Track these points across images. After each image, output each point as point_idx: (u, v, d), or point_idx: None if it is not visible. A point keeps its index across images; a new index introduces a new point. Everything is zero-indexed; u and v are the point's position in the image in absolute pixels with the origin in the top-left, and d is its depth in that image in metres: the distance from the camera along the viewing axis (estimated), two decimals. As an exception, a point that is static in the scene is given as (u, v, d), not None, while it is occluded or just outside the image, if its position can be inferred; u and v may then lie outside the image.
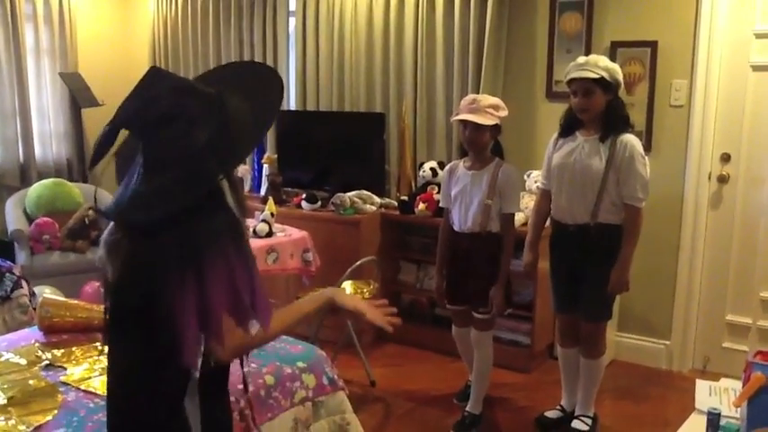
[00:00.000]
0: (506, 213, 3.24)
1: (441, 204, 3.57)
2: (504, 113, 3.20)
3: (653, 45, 3.89)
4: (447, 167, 3.50)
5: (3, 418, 2.24)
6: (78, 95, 5.39)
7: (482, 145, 3.22)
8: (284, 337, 3.00)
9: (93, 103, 5.34)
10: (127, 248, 1.45)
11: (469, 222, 3.26)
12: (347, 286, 3.81)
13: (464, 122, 3.18)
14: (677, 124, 3.92)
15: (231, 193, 1.50)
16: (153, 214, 1.40)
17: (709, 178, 3.93)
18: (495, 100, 3.24)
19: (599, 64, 3.00)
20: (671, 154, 3.94)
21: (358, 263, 3.73)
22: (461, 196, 3.29)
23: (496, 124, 3.19)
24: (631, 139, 3.02)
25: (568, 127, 3.15)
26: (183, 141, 1.42)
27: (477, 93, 4.26)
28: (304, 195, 4.58)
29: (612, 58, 3.90)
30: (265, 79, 1.61)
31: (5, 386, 2.45)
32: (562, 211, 3.17)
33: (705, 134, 3.87)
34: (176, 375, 1.47)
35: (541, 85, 4.27)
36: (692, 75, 3.84)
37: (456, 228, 3.33)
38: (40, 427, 2.20)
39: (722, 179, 3.92)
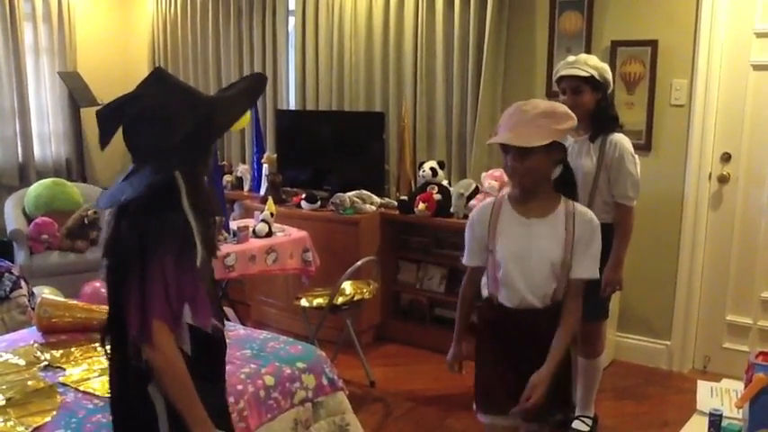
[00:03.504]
0: (581, 279, 2.18)
1: (465, 261, 2.30)
2: (570, 124, 2.09)
3: (653, 44, 3.88)
4: (482, 206, 2.28)
5: (1, 419, 2.24)
6: (77, 95, 5.39)
7: (534, 179, 2.11)
8: (283, 337, 3.01)
9: (93, 102, 5.33)
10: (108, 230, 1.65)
11: (534, 293, 2.15)
12: (347, 286, 3.81)
13: (504, 147, 2.12)
14: (677, 124, 3.91)
15: (189, 196, 1.58)
16: (117, 201, 1.57)
17: (710, 178, 3.92)
18: (551, 105, 2.15)
19: (588, 62, 2.99)
20: (671, 154, 3.94)
21: (358, 263, 3.72)
22: (515, 255, 2.15)
23: (557, 143, 2.09)
24: (621, 139, 3.00)
25: None
26: (157, 138, 1.54)
27: (477, 92, 4.26)
28: (304, 195, 4.57)
29: (613, 58, 3.91)
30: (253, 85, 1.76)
31: (4, 387, 2.45)
32: None
33: (705, 134, 3.86)
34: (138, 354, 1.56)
35: (541, 84, 4.26)
36: (693, 74, 3.83)
37: (507, 303, 2.18)
38: (38, 428, 2.20)
39: (722, 179, 3.91)
